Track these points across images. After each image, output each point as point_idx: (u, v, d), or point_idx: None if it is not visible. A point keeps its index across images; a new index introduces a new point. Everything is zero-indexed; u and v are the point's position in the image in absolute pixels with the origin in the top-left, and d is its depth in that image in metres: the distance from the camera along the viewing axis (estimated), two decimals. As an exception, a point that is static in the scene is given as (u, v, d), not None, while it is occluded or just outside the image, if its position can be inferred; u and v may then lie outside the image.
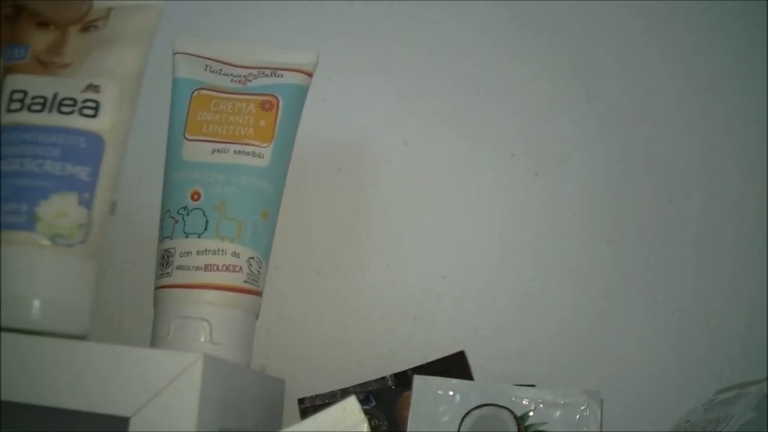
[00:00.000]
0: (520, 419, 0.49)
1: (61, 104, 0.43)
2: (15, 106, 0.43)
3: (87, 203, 0.43)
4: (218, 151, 0.51)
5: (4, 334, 0.40)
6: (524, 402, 0.49)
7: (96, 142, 0.43)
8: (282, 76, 0.54)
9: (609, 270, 0.60)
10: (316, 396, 0.55)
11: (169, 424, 0.38)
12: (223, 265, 0.50)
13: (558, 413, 0.49)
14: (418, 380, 0.50)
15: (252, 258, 0.51)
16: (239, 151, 0.51)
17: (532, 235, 0.62)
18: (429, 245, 0.63)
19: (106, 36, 0.46)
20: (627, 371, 0.59)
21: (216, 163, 0.49)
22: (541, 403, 0.49)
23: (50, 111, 0.43)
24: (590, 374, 0.58)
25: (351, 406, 0.42)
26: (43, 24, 0.46)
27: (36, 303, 0.41)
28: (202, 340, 0.48)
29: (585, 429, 0.49)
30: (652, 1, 0.64)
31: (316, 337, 0.61)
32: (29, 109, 0.43)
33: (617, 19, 0.64)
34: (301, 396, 0.55)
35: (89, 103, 0.44)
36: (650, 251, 0.61)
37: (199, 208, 0.49)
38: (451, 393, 0.50)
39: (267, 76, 0.53)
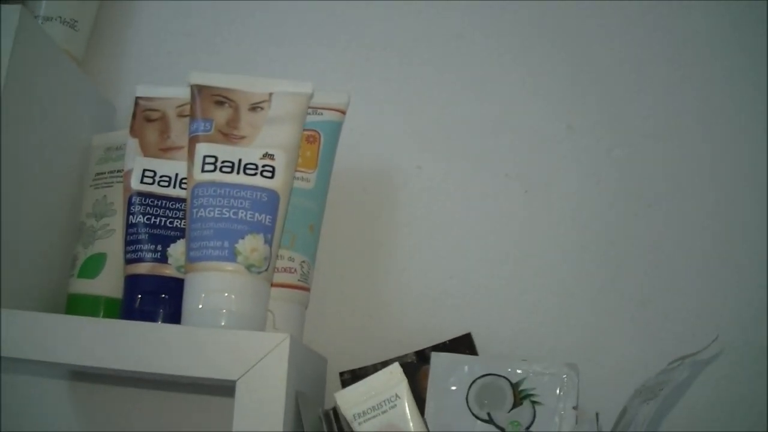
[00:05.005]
0: (515, 385, 0.56)
1: (245, 168, 0.52)
2: (209, 167, 0.52)
3: (269, 242, 0.52)
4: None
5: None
6: (518, 371, 0.56)
7: (274, 197, 0.52)
8: (322, 114, 0.60)
9: (590, 270, 0.66)
10: (354, 369, 0.61)
11: (266, 386, 0.46)
12: (282, 267, 0.57)
13: (545, 380, 0.55)
14: (434, 356, 0.57)
15: (303, 261, 0.58)
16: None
17: (525, 244, 0.66)
18: (439, 252, 0.67)
19: (270, 116, 0.54)
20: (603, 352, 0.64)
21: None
22: (531, 373, 0.56)
23: (238, 173, 0.52)
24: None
25: (395, 369, 0.51)
26: (219, 102, 0.54)
27: (234, 315, 0.50)
28: (267, 326, 0.54)
29: (565, 392, 0.55)
30: (630, 40, 0.69)
31: (348, 326, 0.66)
32: (221, 171, 0.52)
33: (598, 57, 0.69)
34: (341, 370, 0.62)
35: (267, 168, 0.52)
36: (620, 256, 0.66)
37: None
38: (460, 366, 0.56)
39: (309, 114, 0.58)
